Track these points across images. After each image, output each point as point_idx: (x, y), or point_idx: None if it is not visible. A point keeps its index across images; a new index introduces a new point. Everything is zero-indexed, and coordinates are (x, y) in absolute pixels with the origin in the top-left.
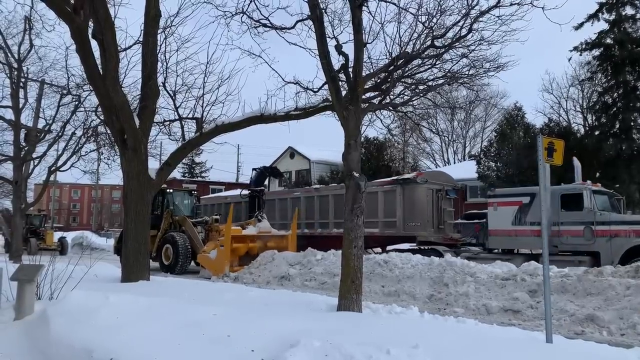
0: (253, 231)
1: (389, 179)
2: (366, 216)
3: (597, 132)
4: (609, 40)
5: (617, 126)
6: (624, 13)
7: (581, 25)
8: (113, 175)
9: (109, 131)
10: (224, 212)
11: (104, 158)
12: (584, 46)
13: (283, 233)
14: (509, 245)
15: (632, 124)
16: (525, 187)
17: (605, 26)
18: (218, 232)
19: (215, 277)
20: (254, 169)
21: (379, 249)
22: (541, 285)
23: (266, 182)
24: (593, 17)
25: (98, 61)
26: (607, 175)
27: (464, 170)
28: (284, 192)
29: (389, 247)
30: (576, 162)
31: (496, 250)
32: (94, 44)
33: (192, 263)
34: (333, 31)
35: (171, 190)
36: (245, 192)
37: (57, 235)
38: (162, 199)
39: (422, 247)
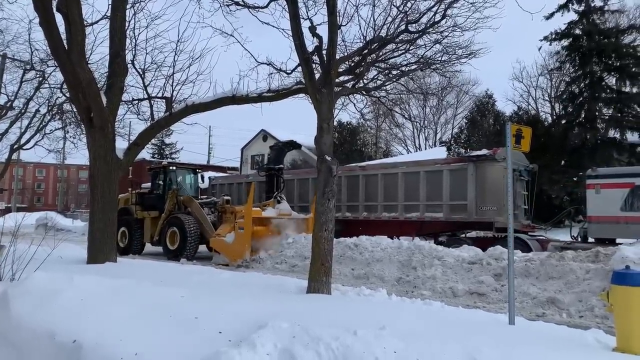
0: (272, 213)
1: (456, 156)
2: (429, 199)
3: (563, 121)
4: (577, 31)
5: (583, 115)
6: (593, 4)
7: (552, 15)
8: (79, 154)
9: (74, 109)
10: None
11: (70, 137)
12: (553, 36)
13: (303, 216)
14: (615, 235)
15: (597, 113)
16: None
17: (575, 17)
18: (233, 214)
19: (234, 263)
20: (271, 147)
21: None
22: (506, 269)
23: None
24: (563, 7)
25: (63, 36)
26: (573, 163)
27: (435, 157)
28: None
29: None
30: None
31: (591, 240)
32: (58, 17)
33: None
34: (307, 12)
35: (174, 168)
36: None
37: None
38: (163, 177)
39: (497, 235)
